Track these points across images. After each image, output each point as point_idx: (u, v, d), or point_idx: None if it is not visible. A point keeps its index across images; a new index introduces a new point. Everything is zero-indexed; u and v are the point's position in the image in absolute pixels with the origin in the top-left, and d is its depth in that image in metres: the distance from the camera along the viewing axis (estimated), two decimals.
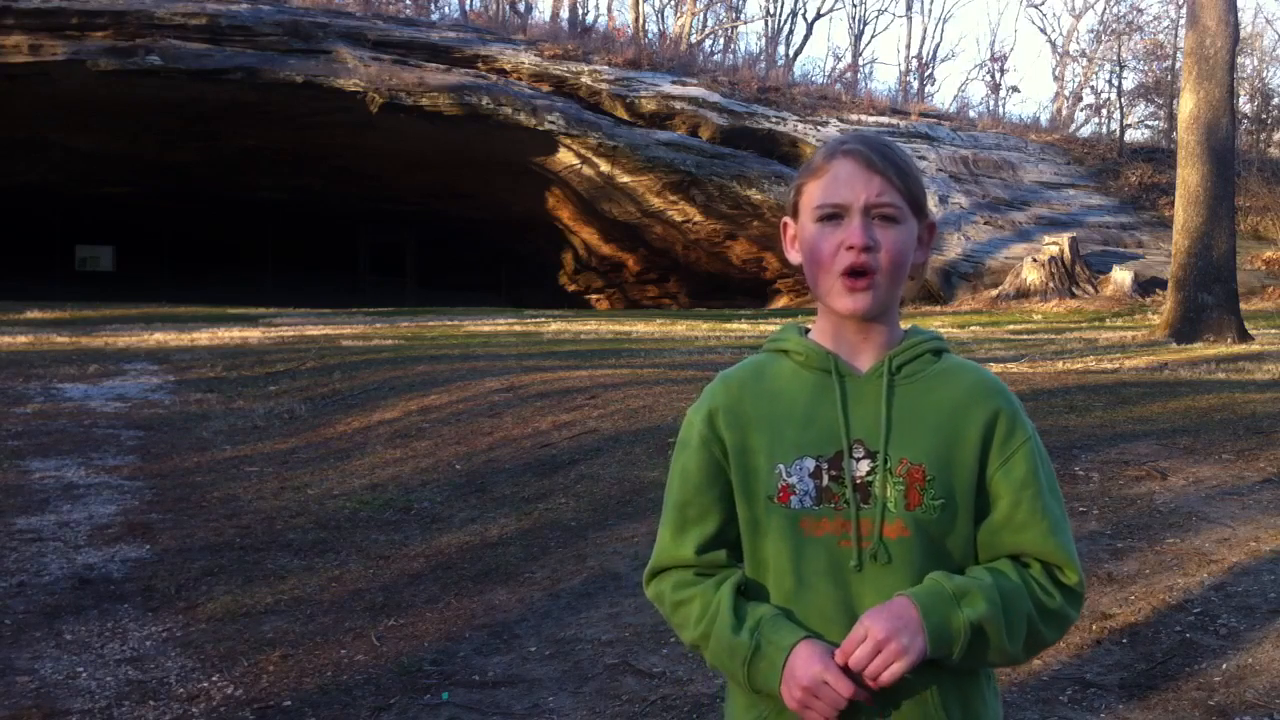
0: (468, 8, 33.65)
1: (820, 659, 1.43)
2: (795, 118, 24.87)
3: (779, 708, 1.50)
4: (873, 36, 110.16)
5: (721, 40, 44.48)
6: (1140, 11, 42.65)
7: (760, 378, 1.60)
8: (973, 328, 17.15)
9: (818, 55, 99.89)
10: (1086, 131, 35.92)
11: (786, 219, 1.61)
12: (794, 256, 1.59)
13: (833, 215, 1.51)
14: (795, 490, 1.50)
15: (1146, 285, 22.10)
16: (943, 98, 70.17)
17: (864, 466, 1.50)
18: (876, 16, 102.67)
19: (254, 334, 15.61)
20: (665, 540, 1.61)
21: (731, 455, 1.56)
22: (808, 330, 1.63)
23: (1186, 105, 14.58)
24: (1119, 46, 34.73)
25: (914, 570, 1.48)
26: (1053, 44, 61.14)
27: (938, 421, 1.51)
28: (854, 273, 1.49)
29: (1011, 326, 17.56)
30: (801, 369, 1.57)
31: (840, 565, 1.49)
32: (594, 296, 29.65)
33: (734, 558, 1.58)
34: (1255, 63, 33.01)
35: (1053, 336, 15.46)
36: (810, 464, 1.51)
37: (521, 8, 35.08)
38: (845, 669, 1.41)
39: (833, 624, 1.48)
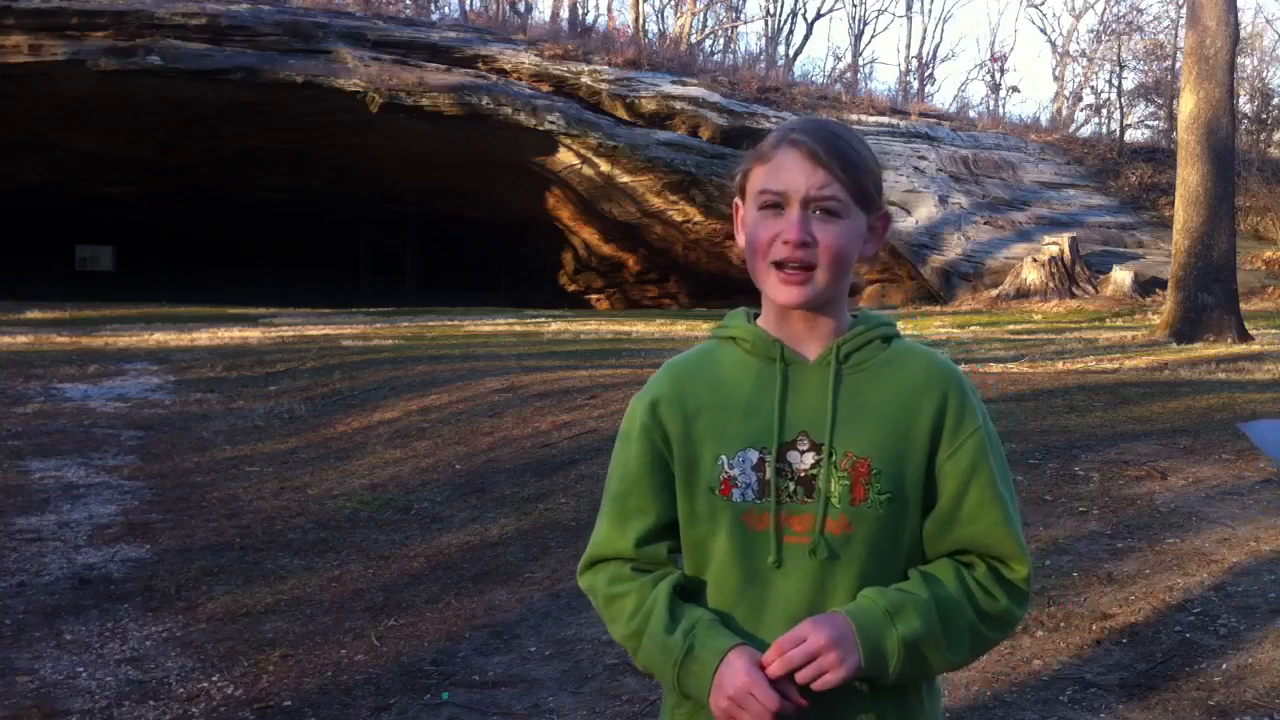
0: (468, 8, 33.66)
1: (749, 670, 1.39)
2: (796, 118, 24.83)
3: (705, 712, 1.46)
4: (873, 36, 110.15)
5: (721, 40, 44.49)
6: (1140, 11, 42.64)
7: (706, 365, 1.56)
8: (973, 328, 17.15)
9: (818, 55, 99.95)
10: (1086, 131, 35.92)
11: (736, 200, 1.57)
12: (740, 238, 1.55)
13: (773, 204, 1.47)
14: (737, 483, 1.47)
15: (1146, 285, 22.10)
16: (943, 98, 70.11)
17: (809, 459, 1.46)
18: (876, 16, 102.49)
19: (254, 334, 15.61)
20: (604, 531, 1.57)
21: (674, 445, 1.52)
22: (757, 315, 1.58)
23: (1186, 105, 14.58)
24: (1119, 46, 34.72)
25: (858, 566, 1.45)
26: (1053, 44, 61.12)
27: (887, 412, 1.47)
28: (789, 265, 1.46)
29: (1011, 326, 17.56)
30: (748, 356, 1.53)
31: (784, 560, 1.46)
32: (594, 296, 29.65)
33: (674, 551, 1.55)
34: (1255, 63, 33.01)
35: (1053, 336, 15.46)
36: (754, 456, 1.47)
37: (521, 8, 35.08)
38: (775, 681, 1.38)
39: (772, 621, 1.45)
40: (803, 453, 1.46)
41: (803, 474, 1.46)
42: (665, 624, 1.47)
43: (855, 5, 66.92)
